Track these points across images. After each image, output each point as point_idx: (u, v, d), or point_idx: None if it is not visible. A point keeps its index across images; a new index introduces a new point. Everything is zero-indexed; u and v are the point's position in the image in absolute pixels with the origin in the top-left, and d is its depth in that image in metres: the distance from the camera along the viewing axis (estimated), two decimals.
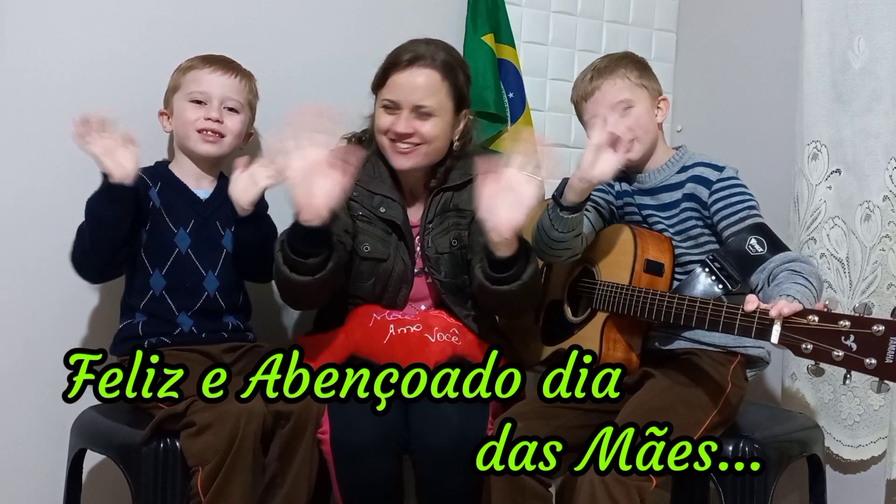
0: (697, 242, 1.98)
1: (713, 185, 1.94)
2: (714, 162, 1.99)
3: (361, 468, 1.86)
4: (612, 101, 1.99)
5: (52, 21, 2.05)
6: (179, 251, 1.99)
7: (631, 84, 1.99)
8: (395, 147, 2.02)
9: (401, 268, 2.06)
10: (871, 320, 1.46)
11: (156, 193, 2.01)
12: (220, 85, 2.03)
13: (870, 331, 1.46)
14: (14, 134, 2.03)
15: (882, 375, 1.45)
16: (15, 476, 2.07)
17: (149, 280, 1.98)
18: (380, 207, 2.06)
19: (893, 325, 1.45)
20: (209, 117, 2.01)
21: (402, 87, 1.99)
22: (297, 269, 1.87)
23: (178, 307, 1.99)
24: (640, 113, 1.99)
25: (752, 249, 1.83)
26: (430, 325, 2.02)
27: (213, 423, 1.74)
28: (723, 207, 1.92)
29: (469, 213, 2.07)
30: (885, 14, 2.17)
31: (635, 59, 2.06)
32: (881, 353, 1.44)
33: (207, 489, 1.74)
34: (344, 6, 2.37)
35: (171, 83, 2.06)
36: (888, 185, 2.17)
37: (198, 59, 2.05)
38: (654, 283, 1.93)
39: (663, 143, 2.06)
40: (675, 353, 1.96)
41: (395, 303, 2.08)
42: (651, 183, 2.04)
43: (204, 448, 1.74)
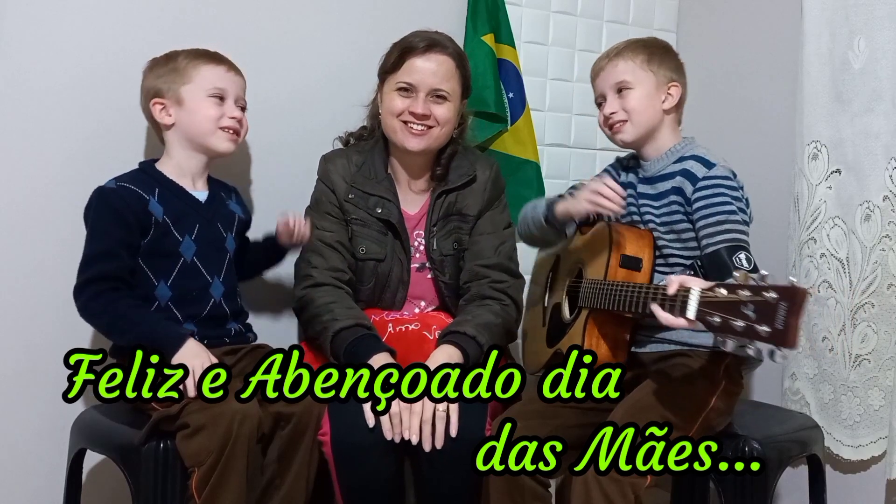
0: (681, 238, 1.96)
1: (698, 181, 1.91)
2: (708, 157, 1.95)
3: (363, 469, 1.86)
4: (612, 81, 2.02)
5: (53, 21, 2.05)
6: (185, 260, 1.94)
7: (634, 67, 2.00)
8: (408, 129, 2.05)
9: (398, 268, 2.08)
10: (766, 287, 1.47)
11: (156, 203, 1.92)
12: (235, 83, 2.01)
13: (764, 298, 1.46)
14: (14, 134, 2.03)
15: (774, 341, 1.45)
16: (15, 476, 2.07)
17: (153, 291, 1.92)
18: (376, 208, 2.08)
19: (784, 290, 1.45)
20: (234, 116, 1.99)
21: (421, 71, 2.03)
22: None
23: (184, 316, 1.94)
24: (638, 96, 1.99)
25: (739, 263, 1.79)
26: (429, 324, 2.03)
27: (206, 424, 1.73)
28: (702, 207, 1.89)
29: (471, 217, 2.11)
30: (885, 14, 2.17)
31: (651, 43, 2.05)
32: (773, 319, 1.45)
33: (202, 490, 1.73)
34: (344, 6, 2.37)
35: (170, 73, 1.96)
36: (888, 185, 2.17)
37: (201, 53, 1.99)
38: (631, 278, 1.91)
39: (671, 131, 2.04)
40: (666, 355, 1.96)
41: (394, 304, 2.11)
42: (652, 171, 2.03)
43: (198, 449, 1.73)
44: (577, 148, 2.70)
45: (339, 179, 2.09)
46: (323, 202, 2.10)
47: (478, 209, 2.13)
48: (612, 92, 2.02)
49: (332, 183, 2.09)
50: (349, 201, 2.08)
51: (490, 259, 2.11)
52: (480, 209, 2.14)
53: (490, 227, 2.14)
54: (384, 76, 2.09)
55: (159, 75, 1.97)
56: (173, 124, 1.97)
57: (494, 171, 2.18)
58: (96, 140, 2.09)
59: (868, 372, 2.20)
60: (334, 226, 2.08)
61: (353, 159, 2.12)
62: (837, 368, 2.25)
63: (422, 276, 2.14)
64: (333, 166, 2.11)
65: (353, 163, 2.11)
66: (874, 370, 2.20)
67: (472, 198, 2.13)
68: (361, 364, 1.89)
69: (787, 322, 1.44)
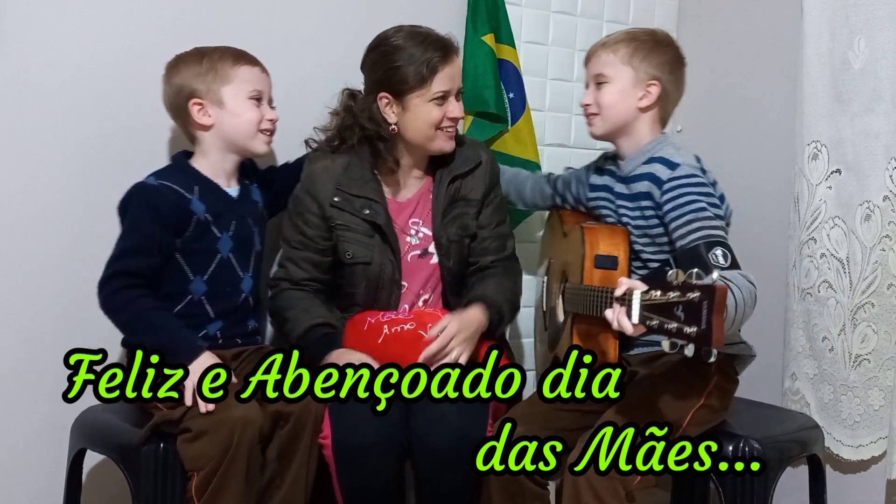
0: (656, 242, 1.94)
1: (664, 184, 1.88)
2: (672, 158, 1.92)
3: (363, 471, 1.86)
4: (593, 71, 2.02)
5: (53, 21, 2.05)
6: (222, 256, 1.96)
7: (615, 60, 1.98)
8: (446, 133, 2.08)
9: (389, 267, 2.07)
10: (690, 286, 1.45)
11: (198, 202, 1.93)
12: (268, 83, 2.02)
13: (689, 299, 1.45)
14: (14, 133, 2.03)
15: (701, 342, 1.44)
16: (15, 476, 2.07)
17: (188, 286, 1.94)
18: (363, 210, 2.07)
19: (706, 289, 1.44)
20: (271, 118, 2.00)
21: (452, 76, 2.06)
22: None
23: (215, 312, 1.96)
24: (612, 91, 1.98)
25: (715, 260, 1.76)
26: (424, 322, 2.01)
27: (208, 430, 1.73)
28: (671, 209, 1.86)
29: (475, 201, 2.14)
30: (885, 14, 2.17)
31: (642, 37, 2.00)
32: (699, 319, 1.43)
33: (201, 495, 1.74)
34: (344, 6, 2.37)
35: (207, 72, 1.94)
36: (888, 185, 2.17)
37: (236, 54, 1.97)
38: (608, 277, 1.89)
39: (648, 129, 1.99)
40: (654, 355, 1.95)
41: (389, 304, 2.10)
42: (626, 170, 2.01)
43: (198, 454, 1.74)
44: (577, 148, 2.70)
45: (324, 182, 2.07)
46: (301, 203, 2.08)
47: (482, 192, 2.16)
48: (592, 82, 2.02)
49: (316, 187, 2.07)
50: (335, 205, 2.06)
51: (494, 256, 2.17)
52: (484, 192, 2.16)
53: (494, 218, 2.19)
54: (412, 91, 2.03)
55: (196, 74, 1.94)
56: (212, 125, 1.96)
57: (490, 155, 2.23)
58: (96, 140, 2.09)
59: (868, 372, 2.20)
60: (309, 230, 2.07)
61: (337, 161, 2.09)
62: (837, 368, 2.25)
63: (424, 262, 2.13)
64: (319, 168, 2.08)
65: (338, 164, 2.09)
66: (874, 370, 2.20)
67: (475, 182, 2.15)
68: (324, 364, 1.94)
69: (711, 321, 1.43)
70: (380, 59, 2.05)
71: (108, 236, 1.97)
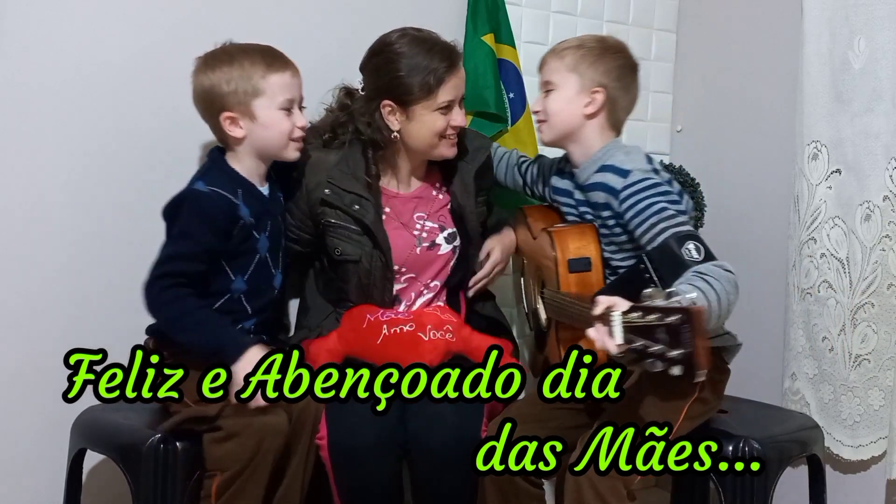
0: (623, 248, 1.93)
1: (619, 194, 1.87)
2: (621, 165, 1.90)
3: (361, 472, 1.86)
4: (543, 78, 2.03)
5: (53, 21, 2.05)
6: (260, 256, 1.96)
7: (560, 67, 1.98)
8: (449, 140, 2.08)
9: (379, 265, 2.06)
10: (670, 310, 1.45)
11: (244, 206, 1.91)
12: (298, 86, 1.97)
13: (668, 323, 1.45)
14: (14, 134, 2.03)
15: (688, 364, 1.44)
16: (15, 476, 2.07)
17: (230, 285, 1.93)
18: (353, 205, 2.06)
19: (686, 312, 1.44)
20: (302, 125, 1.97)
21: (458, 85, 2.05)
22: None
23: (253, 309, 1.96)
24: (557, 98, 1.98)
25: (689, 254, 1.74)
26: (423, 324, 2.02)
27: (240, 432, 1.74)
28: (632, 217, 1.84)
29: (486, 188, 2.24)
30: (885, 14, 2.17)
31: (589, 44, 1.99)
32: (681, 342, 1.44)
33: (221, 495, 1.74)
34: (344, 6, 2.37)
35: (238, 81, 1.88)
36: (888, 185, 2.17)
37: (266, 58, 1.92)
38: (584, 280, 1.90)
39: (598, 136, 1.98)
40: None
41: (383, 301, 2.08)
42: (581, 179, 2.00)
43: (225, 455, 1.74)
44: None
45: (315, 174, 2.06)
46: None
47: (492, 176, 2.26)
48: (542, 89, 2.03)
49: (306, 178, 2.07)
50: (325, 198, 2.05)
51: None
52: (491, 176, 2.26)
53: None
54: (417, 102, 2.01)
55: (227, 80, 1.88)
56: (244, 137, 1.93)
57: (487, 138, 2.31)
58: (97, 140, 2.09)
59: (868, 372, 2.20)
60: (291, 220, 2.09)
61: (331, 155, 2.09)
62: (837, 368, 2.25)
63: (432, 253, 2.12)
64: (311, 160, 2.07)
65: (331, 158, 2.08)
66: (874, 370, 2.20)
67: (487, 167, 2.22)
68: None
69: (695, 343, 1.43)
70: (383, 65, 2.03)
71: (108, 236, 1.97)
